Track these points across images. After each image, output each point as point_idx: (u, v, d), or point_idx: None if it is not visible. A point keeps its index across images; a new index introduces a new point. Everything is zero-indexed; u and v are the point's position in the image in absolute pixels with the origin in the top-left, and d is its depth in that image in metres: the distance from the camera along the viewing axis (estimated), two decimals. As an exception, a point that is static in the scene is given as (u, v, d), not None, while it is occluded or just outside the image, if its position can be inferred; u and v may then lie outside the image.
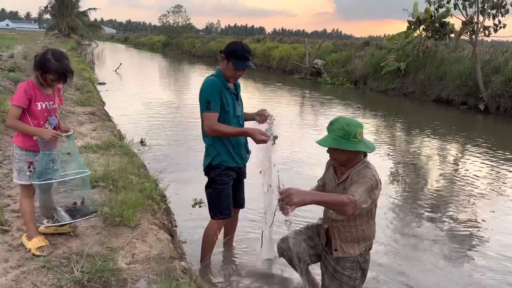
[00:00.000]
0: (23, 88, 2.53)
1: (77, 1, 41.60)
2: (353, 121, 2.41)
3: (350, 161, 2.44)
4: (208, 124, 2.89)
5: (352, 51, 21.03)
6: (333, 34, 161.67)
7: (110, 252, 2.72)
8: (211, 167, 3.09)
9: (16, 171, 2.61)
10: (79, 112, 7.23)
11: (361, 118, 11.29)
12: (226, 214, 3.17)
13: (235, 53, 2.91)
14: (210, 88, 2.91)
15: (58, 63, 2.49)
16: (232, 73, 2.96)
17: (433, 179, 6.38)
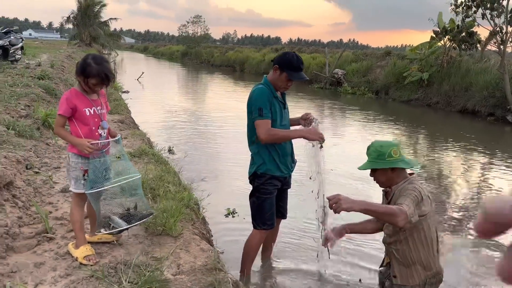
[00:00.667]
0: (66, 97, 2.54)
1: (98, 12, 42.55)
2: (387, 142, 2.50)
3: (392, 180, 2.46)
4: (262, 131, 2.86)
5: (373, 61, 20.88)
6: (350, 44, 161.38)
7: (155, 262, 2.67)
8: (256, 176, 3.06)
9: (73, 179, 2.60)
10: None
11: (383, 128, 11.15)
12: (269, 224, 3.11)
13: (291, 64, 2.89)
14: (261, 96, 2.91)
15: (99, 67, 2.49)
16: (284, 84, 2.95)
17: (457, 193, 6.19)
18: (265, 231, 3.14)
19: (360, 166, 2.54)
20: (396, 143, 2.49)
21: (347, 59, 22.29)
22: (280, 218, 3.39)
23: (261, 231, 3.14)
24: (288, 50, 16.90)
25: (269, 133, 2.85)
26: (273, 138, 2.89)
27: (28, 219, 3.02)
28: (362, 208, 2.17)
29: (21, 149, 4.21)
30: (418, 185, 2.39)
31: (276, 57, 3.00)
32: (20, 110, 5.63)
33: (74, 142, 2.54)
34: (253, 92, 2.96)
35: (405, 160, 2.42)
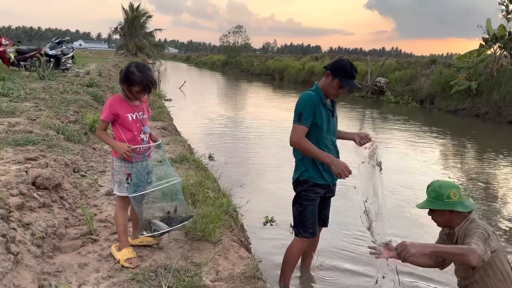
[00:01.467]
0: (109, 103, 2.61)
1: (144, 23, 44.20)
2: (446, 183, 2.46)
3: (452, 221, 2.43)
4: (294, 135, 2.86)
5: (418, 69, 20.26)
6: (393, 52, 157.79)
7: (194, 268, 2.68)
8: (299, 182, 3.02)
9: (117, 183, 2.67)
10: (151, 127, 7.44)
11: (428, 139, 10.72)
12: (310, 232, 3.04)
13: (344, 71, 2.84)
14: (306, 101, 2.87)
15: (142, 75, 2.54)
16: (335, 91, 2.91)
17: (508, 209, 5.80)
18: (306, 239, 3.07)
19: (418, 204, 2.54)
20: (456, 185, 2.47)
21: (390, 67, 21.78)
22: (322, 226, 3.31)
23: (302, 239, 3.07)
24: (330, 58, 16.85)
25: (300, 142, 2.84)
26: (301, 148, 2.87)
27: (74, 221, 3.12)
28: (432, 251, 2.20)
29: (69, 153, 4.39)
30: (481, 222, 2.35)
31: (329, 64, 2.97)
32: (70, 115, 5.89)
33: (114, 146, 2.61)
34: (300, 97, 2.94)
35: (464, 203, 2.38)
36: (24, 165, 3.42)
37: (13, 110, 5.56)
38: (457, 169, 7.91)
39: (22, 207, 2.73)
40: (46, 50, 12.20)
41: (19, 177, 3.08)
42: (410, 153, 8.96)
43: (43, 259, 2.47)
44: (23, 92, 7.30)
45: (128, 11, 42.53)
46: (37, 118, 5.31)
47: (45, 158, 3.72)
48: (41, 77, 10.10)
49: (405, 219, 5.00)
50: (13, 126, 4.70)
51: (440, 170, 7.66)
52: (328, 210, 3.28)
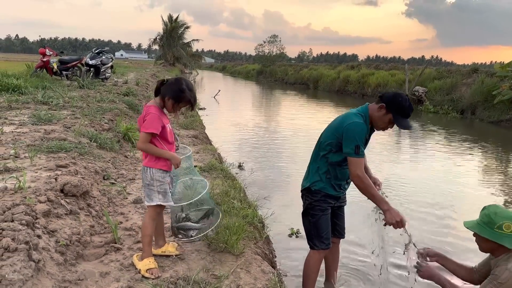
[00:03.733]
0: (156, 115, 2.57)
1: (182, 33, 45.32)
2: (505, 212, 2.30)
3: (494, 251, 2.34)
4: (355, 170, 2.74)
5: (458, 78, 19.50)
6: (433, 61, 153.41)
7: (215, 281, 2.62)
8: (310, 191, 2.97)
9: (161, 193, 2.65)
10: (183, 135, 7.56)
11: (470, 152, 10.22)
12: (326, 244, 2.97)
13: (402, 109, 2.72)
14: (360, 133, 2.75)
15: (192, 93, 2.62)
16: (385, 125, 2.82)
17: None
18: (323, 250, 2.99)
19: (466, 222, 2.45)
20: None
21: (429, 76, 21.09)
22: (339, 238, 3.21)
23: (319, 251, 3.00)
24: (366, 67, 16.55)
25: (362, 179, 2.73)
26: (361, 185, 2.74)
27: (99, 228, 3.15)
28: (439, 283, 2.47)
29: (100, 160, 4.48)
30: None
31: (386, 95, 2.80)
32: (104, 124, 6.04)
33: (168, 157, 2.62)
34: (353, 125, 2.76)
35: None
36: (54, 172, 3.51)
37: (50, 118, 5.77)
38: (498, 184, 7.46)
39: (49, 214, 2.78)
40: (87, 60, 12.67)
41: (48, 184, 3.15)
42: (449, 165, 8.57)
43: (66, 267, 2.49)
44: (62, 100, 7.59)
45: (167, 22, 43.78)
46: (72, 126, 5.48)
47: (75, 165, 3.81)
48: (80, 86, 10.50)
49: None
50: (48, 134, 4.87)
51: (480, 186, 7.27)
52: (343, 220, 3.19)
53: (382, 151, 9.53)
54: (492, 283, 2.22)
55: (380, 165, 8.09)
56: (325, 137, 2.95)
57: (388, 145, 10.57)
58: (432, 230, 4.84)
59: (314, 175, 2.96)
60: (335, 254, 3.32)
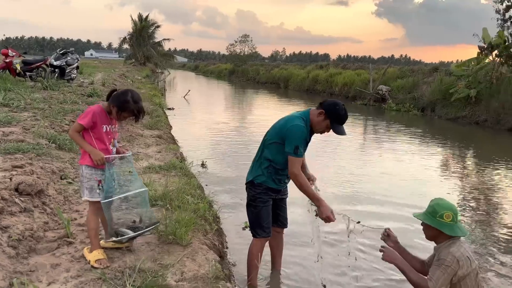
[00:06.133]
0: (93, 111, 2.81)
1: (152, 33, 44.93)
2: (446, 204, 2.63)
3: (436, 238, 2.64)
4: (293, 169, 3.03)
5: (419, 77, 20.32)
6: (401, 59, 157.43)
7: (161, 269, 2.85)
8: (253, 184, 3.24)
9: (87, 189, 2.85)
10: (147, 135, 7.71)
11: (429, 147, 10.79)
12: (267, 232, 3.26)
13: (338, 118, 3.05)
14: (300, 135, 3.04)
15: (136, 105, 2.81)
16: (323, 129, 3.12)
17: (506, 215, 5.87)
18: (264, 239, 3.29)
19: (414, 213, 2.76)
20: (454, 208, 2.62)
21: (392, 75, 21.86)
22: (282, 228, 3.50)
23: (261, 240, 3.28)
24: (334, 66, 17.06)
25: (298, 178, 3.02)
26: (297, 182, 3.05)
27: (53, 224, 3.32)
28: (399, 267, 2.69)
29: (58, 161, 4.61)
30: (454, 249, 2.50)
31: (326, 102, 3.11)
32: (64, 125, 6.14)
33: (91, 151, 2.79)
34: (294, 128, 3.05)
35: (453, 227, 2.55)
36: (10, 172, 3.65)
37: (10, 120, 5.83)
38: (456, 177, 7.99)
39: (2, 211, 2.93)
40: (51, 61, 12.58)
41: (2, 183, 3.30)
42: (409, 161, 9.05)
43: (18, 260, 2.67)
44: (24, 102, 7.59)
45: (137, 21, 43.33)
46: (32, 127, 5.56)
47: (31, 165, 3.95)
48: (44, 88, 10.44)
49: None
50: (6, 136, 4.96)
51: (439, 178, 7.76)
52: (285, 211, 3.47)
53: (347, 148, 9.94)
54: (440, 267, 2.48)
55: (344, 162, 8.47)
56: (270, 135, 3.23)
57: (353, 143, 11.01)
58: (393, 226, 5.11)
59: (257, 169, 3.24)
60: (280, 243, 3.59)
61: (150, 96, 14.82)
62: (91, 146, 2.81)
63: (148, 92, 16.13)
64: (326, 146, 9.66)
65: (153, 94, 16.09)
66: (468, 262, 2.47)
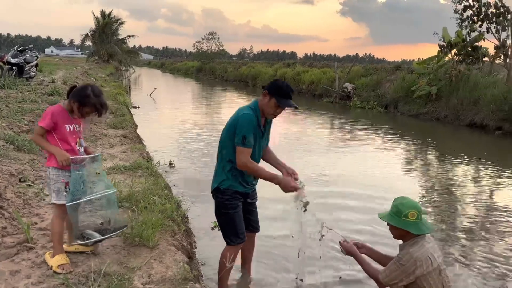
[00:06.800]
0: (51, 111, 2.71)
1: (116, 29, 43.82)
2: (410, 202, 2.66)
3: (403, 237, 2.67)
4: (241, 159, 2.94)
5: (383, 75, 20.85)
6: (366, 58, 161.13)
7: (127, 272, 2.79)
8: (219, 191, 3.09)
9: (55, 192, 2.75)
10: (111, 135, 7.51)
11: (392, 143, 11.11)
12: (241, 238, 3.14)
13: (280, 91, 2.95)
14: (248, 124, 2.94)
15: (97, 99, 2.71)
16: (272, 110, 3.00)
17: (467, 206, 6.13)
18: (238, 245, 3.17)
19: (380, 214, 2.78)
20: (418, 206, 2.66)
21: (357, 73, 22.32)
22: (254, 232, 3.38)
23: (235, 246, 3.16)
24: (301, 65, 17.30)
25: (248, 165, 2.95)
26: (249, 171, 2.99)
27: (12, 229, 3.18)
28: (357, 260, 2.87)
29: (17, 163, 4.42)
30: (415, 249, 2.55)
31: (267, 84, 3.08)
32: (23, 125, 5.88)
33: (55, 152, 2.69)
34: (241, 118, 2.97)
35: (418, 225, 2.59)
36: (-37, 176, 3.45)
37: (-37, 120, 5.53)
38: (418, 171, 8.29)
39: (-45, 217, 2.77)
40: (8, 59, 12.00)
41: (-45, 188, 3.12)
42: (373, 156, 9.28)
43: (-27, 268, 2.53)
44: (-22, 102, 7.22)
45: (99, 18, 42.13)
46: (-13, 128, 5.30)
47: (-13, 168, 3.76)
48: (1, 86, 9.97)
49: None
50: (-40, 137, 4.69)
51: (402, 173, 8.02)
52: (256, 215, 3.36)
53: (315, 145, 10.07)
54: (396, 264, 2.55)
55: (311, 158, 8.57)
56: (224, 135, 3.08)
57: (320, 140, 11.17)
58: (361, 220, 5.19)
59: (221, 174, 3.09)
60: (251, 247, 3.48)
61: (114, 95, 14.48)
62: (55, 147, 2.71)
63: (112, 90, 15.75)
64: (294, 143, 9.77)
65: (117, 92, 15.72)
66: (428, 262, 2.51)
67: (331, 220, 4.98)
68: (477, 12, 12.65)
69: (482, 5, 12.61)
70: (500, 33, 12.56)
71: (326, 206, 5.45)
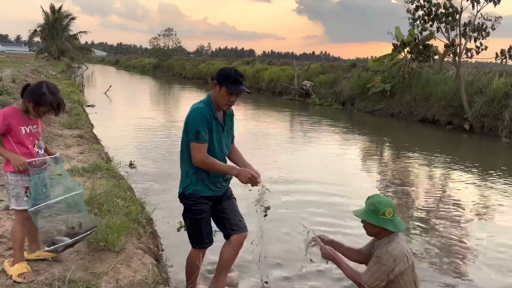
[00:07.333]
0: (3, 114, 2.55)
1: (67, 25, 42.01)
2: (386, 200, 2.70)
3: (378, 234, 2.71)
4: (197, 155, 2.77)
5: (340, 72, 21.40)
6: (322, 56, 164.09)
7: (93, 278, 2.69)
8: (184, 196, 2.94)
9: (14, 197, 2.59)
10: (66, 135, 7.21)
11: (350, 139, 11.43)
12: (207, 242, 3.02)
13: (229, 78, 2.78)
14: (199, 117, 2.77)
15: (53, 97, 2.56)
16: (226, 100, 2.83)
17: (421, 197, 6.45)
18: (204, 249, 3.06)
19: (355, 211, 2.77)
20: (393, 204, 2.70)
21: (315, 71, 22.77)
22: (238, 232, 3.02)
23: (201, 250, 3.04)
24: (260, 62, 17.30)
25: (205, 161, 2.78)
26: (207, 167, 2.81)
27: (-36, 239, 2.97)
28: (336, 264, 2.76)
29: (-35, 167, 4.12)
30: (393, 247, 2.60)
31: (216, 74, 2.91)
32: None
33: (10, 157, 2.54)
34: (191, 112, 2.82)
35: (395, 222, 2.65)
36: None
37: None
38: (375, 165, 8.60)
39: None
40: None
41: None
42: (331, 152, 9.49)
43: None
44: None
45: (48, 13, 40.18)
46: None
47: None
48: None
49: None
50: None
51: (360, 167, 8.27)
52: (234, 214, 3.06)
53: (275, 142, 10.16)
54: (377, 265, 2.58)
55: (271, 156, 8.63)
56: (183, 136, 2.92)
57: (280, 136, 11.28)
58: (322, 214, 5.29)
59: (185, 179, 2.92)
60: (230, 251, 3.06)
61: (68, 93, 13.91)
62: (9, 152, 2.55)
63: (65, 89, 15.11)
64: (254, 141, 9.81)
65: (70, 90, 15.12)
66: (405, 259, 2.58)
67: (295, 216, 5.09)
68: (428, 12, 13.22)
69: (433, 5, 13.20)
70: (449, 32, 13.20)
71: (289, 204, 5.53)
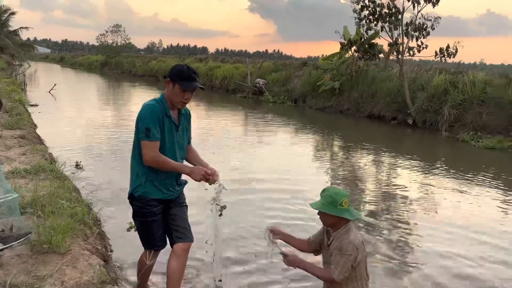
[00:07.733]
0: None
1: (6, 20, 39.59)
2: (341, 191, 2.77)
3: (336, 224, 2.75)
4: (148, 153, 2.67)
5: (291, 70, 21.75)
6: (275, 54, 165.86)
7: (36, 281, 2.60)
8: (134, 198, 2.83)
9: None
10: (7, 136, 6.84)
11: (302, 135, 11.72)
12: (160, 245, 2.93)
13: (181, 74, 2.71)
14: (150, 114, 2.68)
15: None
16: (180, 97, 2.74)
17: (368, 188, 6.76)
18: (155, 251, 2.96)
19: (312, 204, 2.78)
20: (348, 194, 2.76)
21: (268, 69, 22.98)
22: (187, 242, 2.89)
23: (150, 251, 2.94)
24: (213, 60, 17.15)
25: (157, 159, 2.69)
26: (159, 165, 2.71)
27: None
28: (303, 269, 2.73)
29: None
30: (354, 237, 2.66)
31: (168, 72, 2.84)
32: None
33: None
34: (142, 109, 2.73)
35: (351, 211, 2.71)
36: None
37: None
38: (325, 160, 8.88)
39: None
40: None
41: None
42: (284, 148, 9.68)
43: None
44: None
45: (-16, 6, 37.67)
46: None
47: None
48: None
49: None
50: None
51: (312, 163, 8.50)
52: (182, 222, 2.94)
53: (228, 140, 10.17)
54: (344, 257, 2.58)
55: (225, 154, 8.65)
56: (134, 136, 2.83)
57: (234, 134, 11.31)
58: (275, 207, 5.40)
59: (135, 180, 2.82)
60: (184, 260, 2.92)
61: (8, 92, 13.20)
62: None
63: (5, 87, 14.32)
64: (208, 139, 9.78)
65: (11, 89, 14.32)
66: (362, 247, 2.66)
67: (250, 213, 5.17)
68: (372, 12, 13.79)
69: (377, 5, 13.78)
70: (392, 32, 13.85)
71: (244, 202, 5.59)
